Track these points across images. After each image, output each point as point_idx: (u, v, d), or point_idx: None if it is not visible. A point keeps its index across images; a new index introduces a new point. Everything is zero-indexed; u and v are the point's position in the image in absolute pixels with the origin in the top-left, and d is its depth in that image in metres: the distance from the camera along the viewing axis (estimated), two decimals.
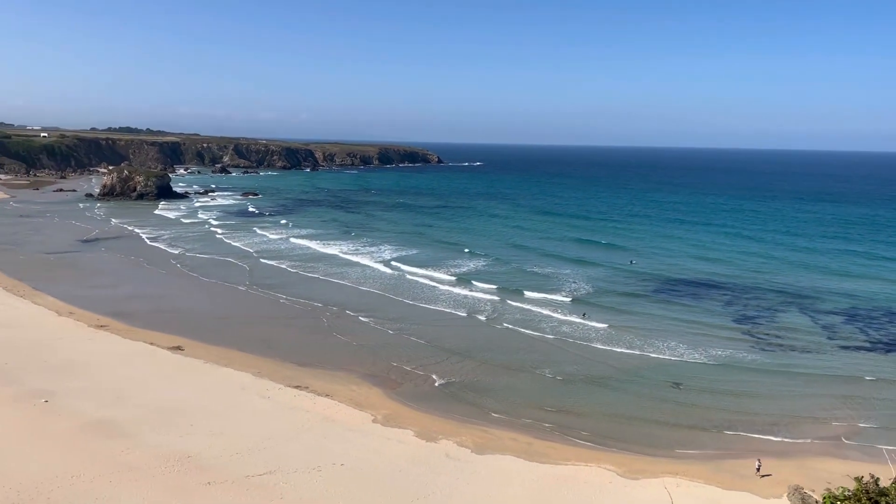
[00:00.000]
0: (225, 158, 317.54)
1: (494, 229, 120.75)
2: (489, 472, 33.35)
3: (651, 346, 54.32)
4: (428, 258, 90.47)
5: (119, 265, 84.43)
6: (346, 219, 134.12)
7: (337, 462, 32.99)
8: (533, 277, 79.19)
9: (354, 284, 74.99)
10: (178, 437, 34.89)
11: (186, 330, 55.60)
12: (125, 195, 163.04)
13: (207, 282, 75.52)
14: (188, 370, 46.18)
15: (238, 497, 29.02)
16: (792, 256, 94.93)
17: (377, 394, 43.59)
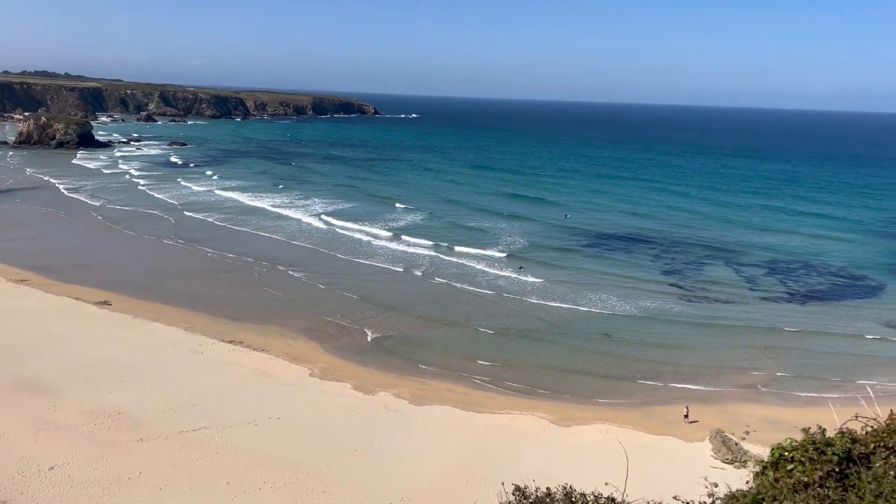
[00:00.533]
0: (150, 106, 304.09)
1: (428, 183, 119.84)
2: (426, 422, 33.86)
3: (583, 298, 55.65)
4: (362, 212, 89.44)
5: (38, 217, 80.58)
6: (277, 171, 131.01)
7: (273, 416, 32.86)
8: (468, 232, 79.40)
9: (286, 239, 73.70)
10: (108, 393, 34.02)
11: (112, 284, 53.78)
12: (43, 143, 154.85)
13: (132, 235, 72.99)
14: (116, 325, 44.84)
15: (172, 452, 28.64)
16: (716, 211, 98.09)
17: (314, 348, 43.39)
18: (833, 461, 5.91)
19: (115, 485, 25.75)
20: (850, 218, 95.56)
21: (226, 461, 28.26)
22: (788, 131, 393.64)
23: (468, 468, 29.32)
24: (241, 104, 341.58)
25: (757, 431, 33.85)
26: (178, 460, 28.08)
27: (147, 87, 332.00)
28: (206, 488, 26.16)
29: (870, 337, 48.46)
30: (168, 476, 26.77)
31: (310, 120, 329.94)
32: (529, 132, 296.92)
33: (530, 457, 30.70)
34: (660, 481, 26.86)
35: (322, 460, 29.05)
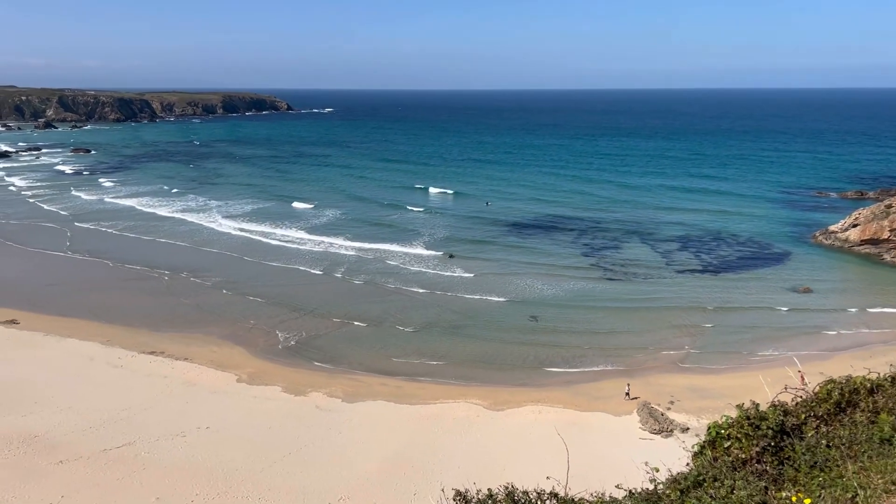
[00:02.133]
0: (49, 112, 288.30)
1: (338, 179, 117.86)
2: (361, 418, 33.66)
3: (507, 285, 56.43)
4: (273, 213, 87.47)
5: None
6: (183, 174, 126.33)
7: (202, 426, 31.94)
8: (384, 228, 78.33)
9: (195, 245, 71.02)
10: (21, 416, 32.26)
11: (17, 301, 50.95)
12: None
13: (32, 249, 69.11)
14: (26, 344, 42.52)
15: (95, 473, 27.44)
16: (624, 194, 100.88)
17: (240, 353, 42.36)
18: (768, 435, 6.07)
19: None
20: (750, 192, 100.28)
21: (154, 476, 27.30)
22: (662, 109, 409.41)
23: (405, 460, 29.34)
24: (147, 106, 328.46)
25: (681, 401, 35.25)
26: (103, 480, 26.94)
27: (44, 93, 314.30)
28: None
29: (782, 307, 51.08)
30: (92, 497, 25.65)
31: (219, 119, 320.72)
32: (432, 121, 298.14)
33: (466, 443, 31.01)
34: (593, 458, 27.74)
35: (255, 466, 28.46)
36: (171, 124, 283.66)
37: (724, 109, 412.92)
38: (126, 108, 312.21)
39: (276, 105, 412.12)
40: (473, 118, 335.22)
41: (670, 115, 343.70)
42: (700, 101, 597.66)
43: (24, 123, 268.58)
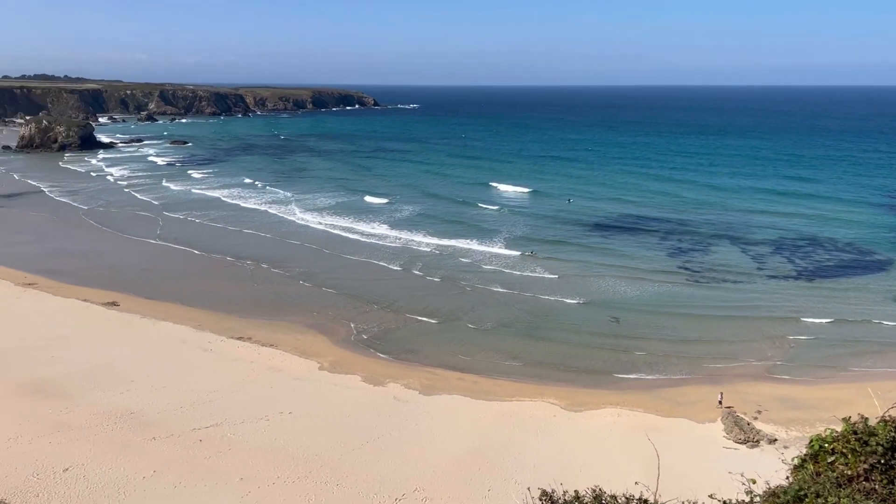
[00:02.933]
0: (150, 105, 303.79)
1: (420, 176, 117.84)
2: (437, 411, 33.91)
3: (589, 284, 55.58)
4: (354, 208, 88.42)
5: (45, 221, 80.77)
6: (272, 167, 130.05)
7: (285, 411, 32.94)
8: (462, 226, 77.12)
9: (279, 237, 72.80)
10: (119, 393, 34.14)
11: (119, 285, 53.92)
12: (46, 146, 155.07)
13: (130, 236, 73.00)
14: (126, 325, 44.97)
15: (185, 450, 28.75)
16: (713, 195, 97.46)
17: (322, 342, 43.44)
18: (878, 452, 5.61)
19: (129, 484, 25.87)
20: (849, 196, 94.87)
21: (239, 457, 28.36)
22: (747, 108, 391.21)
23: (481, 456, 29.37)
24: (241, 100, 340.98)
25: (769, 411, 33.81)
26: (192, 458, 28.19)
27: (146, 87, 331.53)
28: (220, 485, 26.26)
29: (884, 319, 48.18)
30: (182, 474, 26.88)
31: (309, 114, 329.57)
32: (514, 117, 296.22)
33: (543, 443, 30.74)
34: (677, 465, 26.97)
35: (334, 453, 29.13)
36: (262, 118, 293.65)
37: (820, 108, 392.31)
38: (221, 103, 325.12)
39: (363, 101, 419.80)
40: (555, 114, 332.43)
41: (762, 114, 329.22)
42: (794, 98, 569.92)
43: (128, 116, 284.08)
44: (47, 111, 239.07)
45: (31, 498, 23.11)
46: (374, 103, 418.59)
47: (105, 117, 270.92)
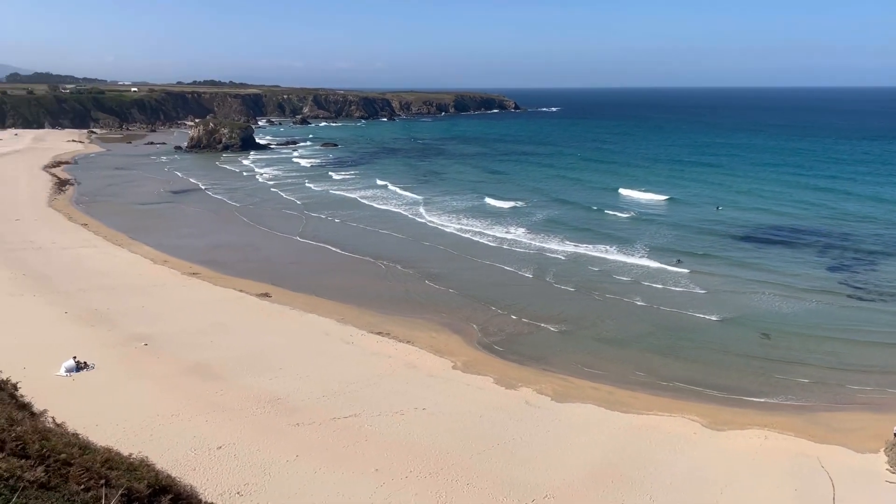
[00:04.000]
0: (305, 109, 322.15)
1: (551, 181, 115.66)
2: (569, 419, 33.38)
3: (737, 295, 52.59)
4: (484, 212, 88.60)
5: (207, 215, 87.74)
6: (406, 171, 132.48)
7: (419, 406, 33.70)
8: (595, 234, 74.89)
9: (412, 238, 74.47)
10: (268, 379, 36.36)
11: (271, 278, 57.42)
12: (211, 147, 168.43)
13: (277, 232, 77.55)
14: (276, 316, 47.84)
15: (325, 438, 30.14)
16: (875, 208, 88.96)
17: (457, 341, 44.06)
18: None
19: (274, 466, 27.48)
20: None
21: (374, 448, 29.35)
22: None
23: (614, 469, 28.58)
24: (388, 105, 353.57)
25: None
26: (331, 445, 29.52)
27: (301, 92, 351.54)
28: (357, 474, 27.28)
29: None
30: (322, 460, 28.20)
31: (451, 117, 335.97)
32: (651, 119, 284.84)
33: (681, 461, 29.43)
34: (832, 497, 24.94)
35: (465, 452, 29.43)
36: (405, 122, 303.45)
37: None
38: (369, 107, 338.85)
39: (504, 104, 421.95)
40: (695, 116, 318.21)
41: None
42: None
43: (284, 119, 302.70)
44: (214, 114, 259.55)
45: (188, 471, 25.08)
46: (515, 106, 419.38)
47: (264, 120, 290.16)
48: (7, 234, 70.14)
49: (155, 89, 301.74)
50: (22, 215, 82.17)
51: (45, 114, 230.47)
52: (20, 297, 48.64)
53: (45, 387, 30.38)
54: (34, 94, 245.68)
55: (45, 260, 60.35)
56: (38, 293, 50.00)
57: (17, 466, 7.11)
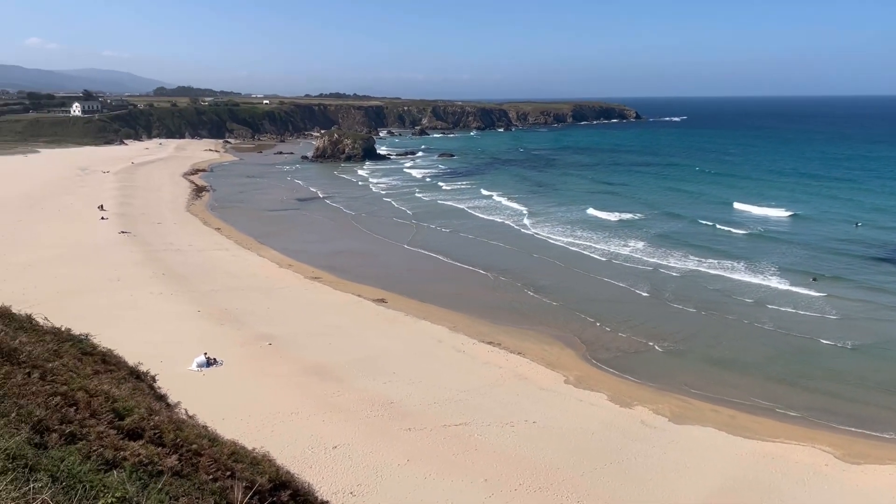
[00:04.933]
0: (424, 121, 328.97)
1: (663, 193, 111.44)
2: (687, 442, 32.01)
3: (876, 322, 48.64)
4: (590, 224, 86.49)
5: (327, 223, 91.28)
6: (517, 182, 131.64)
7: (529, 419, 33.40)
8: (713, 251, 70.33)
9: (521, 250, 73.95)
10: (382, 383, 37.22)
11: (387, 284, 58.81)
12: (335, 157, 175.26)
13: (389, 240, 79.28)
14: (391, 321, 48.96)
15: (436, 445, 30.45)
16: None
17: (570, 355, 43.37)
18: None
19: (386, 469, 28.05)
20: None
21: (484, 458, 29.34)
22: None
23: (735, 496, 27.11)
24: (504, 115, 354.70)
25: None
26: (441, 452, 29.78)
27: (421, 104, 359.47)
28: (466, 482, 27.37)
29: None
30: (432, 466, 28.50)
31: (569, 127, 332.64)
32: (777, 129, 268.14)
33: (809, 494, 27.50)
34: None
35: (576, 469, 28.85)
36: (525, 132, 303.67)
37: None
38: (486, 118, 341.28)
39: (625, 113, 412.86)
40: (827, 126, 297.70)
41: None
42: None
43: (404, 130, 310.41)
44: (338, 125, 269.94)
45: (305, 468, 26.05)
46: (636, 116, 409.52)
47: (384, 131, 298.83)
48: (150, 237, 75.93)
49: (285, 102, 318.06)
50: (164, 219, 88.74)
51: (185, 125, 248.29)
52: (160, 296, 52.42)
53: (178, 380, 32.50)
54: (177, 106, 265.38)
55: (183, 261, 64.81)
56: (176, 292, 53.71)
57: (155, 454, 7.63)
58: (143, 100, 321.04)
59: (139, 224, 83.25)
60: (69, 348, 12.21)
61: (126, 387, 11.29)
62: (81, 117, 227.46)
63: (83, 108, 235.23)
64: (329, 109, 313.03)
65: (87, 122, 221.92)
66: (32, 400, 7.73)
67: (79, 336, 13.61)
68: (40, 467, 5.65)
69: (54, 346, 11.75)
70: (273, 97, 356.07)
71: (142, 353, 17.62)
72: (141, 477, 6.87)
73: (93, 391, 9.09)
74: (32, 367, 9.08)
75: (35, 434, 6.76)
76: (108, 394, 9.31)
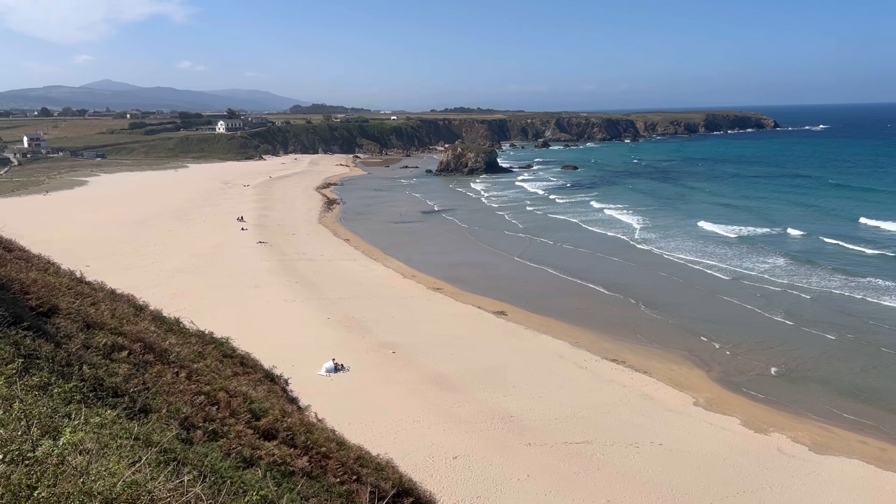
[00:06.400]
0: (547, 133, 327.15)
1: (806, 212, 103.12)
2: (830, 474, 29.64)
3: None
4: (725, 243, 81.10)
5: (447, 235, 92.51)
6: (652, 198, 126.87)
7: (655, 441, 32.15)
8: (856, 273, 64.35)
9: (644, 267, 71.39)
10: (502, 396, 37.11)
11: (507, 296, 58.63)
12: (458, 170, 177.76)
13: (504, 253, 78.94)
14: (511, 334, 48.80)
15: (556, 462, 29.94)
16: None
17: (699, 376, 41.41)
18: None
19: (506, 483, 27.88)
20: None
21: (606, 479, 28.52)
22: None
23: None
24: (631, 126, 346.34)
25: None
26: (562, 470, 29.24)
27: (544, 116, 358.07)
28: (587, 502, 26.69)
29: None
30: (552, 483, 28.03)
31: (700, 138, 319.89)
32: None
33: None
34: None
35: (706, 496, 27.42)
36: (654, 143, 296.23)
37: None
38: (612, 128, 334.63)
39: (762, 122, 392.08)
40: None
41: None
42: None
43: (527, 143, 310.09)
44: (461, 139, 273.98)
45: (426, 477, 26.37)
46: (775, 125, 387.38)
47: (507, 144, 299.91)
48: (285, 247, 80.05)
49: (411, 117, 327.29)
50: (297, 230, 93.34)
51: (319, 140, 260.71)
52: (292, 303, 55.06)
53: (308, 384, 33.92)
54: (311, 123, 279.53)
55: (314, 270, 67.80)
56: (307, 299, 56.22)
57: (288, 454, 8.00)
58: (280, 117, 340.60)
59: (275, 234, 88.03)
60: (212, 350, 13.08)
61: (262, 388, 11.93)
62: (225, 134, 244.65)
63: (227, 126, 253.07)
64: (453, 124, 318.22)
65: (230, 139, 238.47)
66: (180, 398, 8.32)
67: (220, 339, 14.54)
68: (188, 462, 6.06)
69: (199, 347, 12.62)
70: (400, 113, 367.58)
71: (276, 356, 18.55)
72: (275, 476, 7.21)
73: (233, 392, 9.67)
74: (180, 367, 9.80)
75: (182, 430, 7.27)
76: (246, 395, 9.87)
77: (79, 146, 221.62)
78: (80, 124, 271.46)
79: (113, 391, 7.35)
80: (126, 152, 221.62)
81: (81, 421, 5.81)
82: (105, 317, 10.06)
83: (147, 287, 43.84)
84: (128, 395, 7.38)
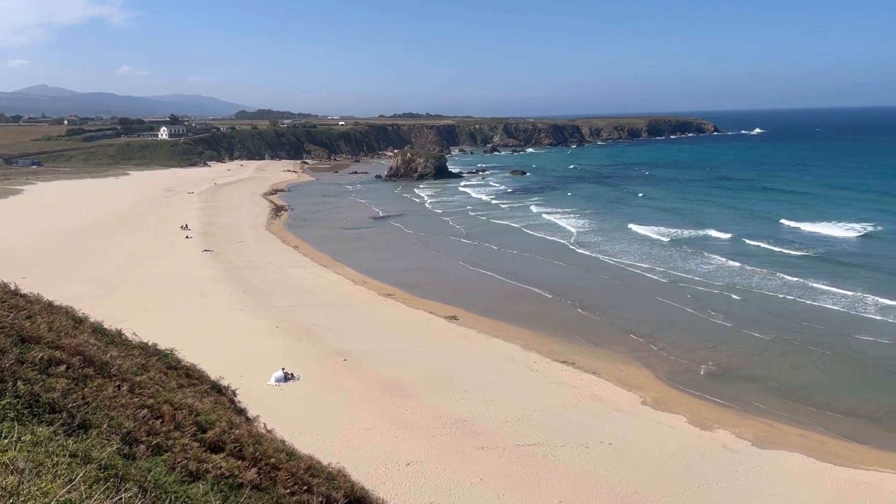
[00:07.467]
0: (495, 138, 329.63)
1: (737, 214, 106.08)
2: (772, 468, 30.59)
3: None
4: (662, 245, 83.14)
5: (401, 241, 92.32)
6: (595, 204, 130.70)
7: (605, 441, 32.65)
8: (792, 272, 67.33)
9: (589, 271, 73.04)
10: (455, 401, 37.15)
11: (458, 301, 58.76)
12: (408, 176, 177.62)
13: (449, 257, 79.29)
14: (462, 338, 48.92)
15: (509, 464, 30.12)
16: None
17: (646, 375, 42.24)
18: None
19: (459, 487, 27.90)
20: None
21: (558, 480, 28.81)
22: None
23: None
24: (577, 131, 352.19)
25: None
26: (514, 472, 29.42)
27: (492, 121, 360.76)
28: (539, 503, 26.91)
29: None
30: (504, 486, 28.18)
31: (642, 142, 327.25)
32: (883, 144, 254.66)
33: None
34: None
35: (655, 493, 27.97)
36: (598, 148, 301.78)
37: None
38: (558, 134, 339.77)
39: (702, 127, 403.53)
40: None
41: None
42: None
43: (475, 148, 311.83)
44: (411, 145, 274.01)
45: (379, 485, 26.17)
46: (714, 129, 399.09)
47: (456, 149, 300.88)
48: (231, 255, 78.62)
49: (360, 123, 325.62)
50: (244, 237, 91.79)
51: (265, 146, 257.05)
52: (240, 312, 54.09)
53: (257, 394, 33.37)
54: (257, 128, 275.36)
55: (262, 278, 66.74)
56: (255, 308, 55.30)
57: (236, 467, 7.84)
58: (225, 123, 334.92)
59: (221, 242, 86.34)
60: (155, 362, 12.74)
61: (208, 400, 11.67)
62: (168, 140, 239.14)
63: (170, 132, 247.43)
64: (402, 129, 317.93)
65: (173, 146, 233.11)
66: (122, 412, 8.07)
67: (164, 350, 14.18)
68: (129, 477, 5.88)
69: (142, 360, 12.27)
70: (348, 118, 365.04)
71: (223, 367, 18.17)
72: (222, 489, 7.06)
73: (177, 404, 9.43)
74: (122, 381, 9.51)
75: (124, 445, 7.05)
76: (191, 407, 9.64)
77: (13, 153, 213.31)
78: (13, 131, 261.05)
79: (50, 407, 7.08)
80: (64, 160, 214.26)
81: (14, 439, 5.59)
82: (41, 330, 9.70)
83: (87, 298, 42.38)
84: (66, 411, 7.12)
